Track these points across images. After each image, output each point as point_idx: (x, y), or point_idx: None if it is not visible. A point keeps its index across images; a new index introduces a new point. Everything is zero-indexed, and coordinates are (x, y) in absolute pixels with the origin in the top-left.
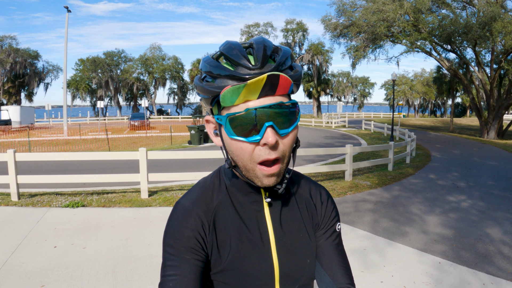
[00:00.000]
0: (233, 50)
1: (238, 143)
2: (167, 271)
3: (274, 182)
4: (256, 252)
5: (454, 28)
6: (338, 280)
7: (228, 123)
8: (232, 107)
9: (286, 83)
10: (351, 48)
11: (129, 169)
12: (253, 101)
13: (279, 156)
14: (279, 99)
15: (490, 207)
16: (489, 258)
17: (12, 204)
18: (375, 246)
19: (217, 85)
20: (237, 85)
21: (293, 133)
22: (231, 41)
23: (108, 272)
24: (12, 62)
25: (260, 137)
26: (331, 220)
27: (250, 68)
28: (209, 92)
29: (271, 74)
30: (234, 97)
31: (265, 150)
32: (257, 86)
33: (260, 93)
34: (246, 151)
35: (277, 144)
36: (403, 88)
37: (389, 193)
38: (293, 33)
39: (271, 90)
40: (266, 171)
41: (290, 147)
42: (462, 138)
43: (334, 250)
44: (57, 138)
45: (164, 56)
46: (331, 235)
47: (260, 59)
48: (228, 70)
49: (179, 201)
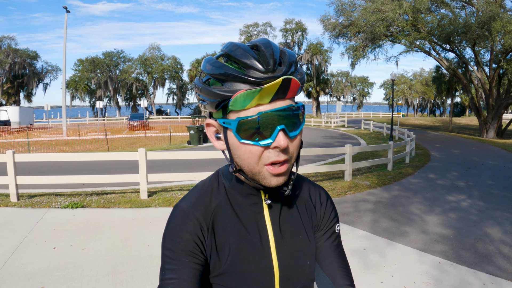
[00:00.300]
0: (240, 51)
1: (248, 146)
2: (166, 274)
3: (282, 182)
4: (256, 254)
5: (453, 28)
6: (337, 281)
7: (238, 127)
8: (242, 111)
9: (296, 86)
10: (350, 48)
11: (129, 169)
12: (265, 105)
13: (288, 158)
14: (288, 102)
15: (490, 207)
16: (489, 258)
17: (12, 205)
18: (375, 246)
19: (228, 88)
20: (251, 89)
21: (300, 135)
22: (236, 42)
23: (108, 273)
24: (11, 63)
25: (272, 140)
26: (330, 221)
27: (262, 71)
28: (218, 96)
29: (285, 78)
30: (247, 101)
31: (275, 153)
32: (271, 90)
33: (273, 97)
34: (255, 154)
35: (287, 146)
36: (402, 88)
37: (388, 193)
38: (292, 33)
39: (282, 93)
40: (274, 171)
41: (297, 149)
42: (462, 138)
43: (334, 252)
44: (56, 139)
45: (163, 56)
46: (330, 236)
47: (271, 62)
48: (238, 72)
49: (177, 204)
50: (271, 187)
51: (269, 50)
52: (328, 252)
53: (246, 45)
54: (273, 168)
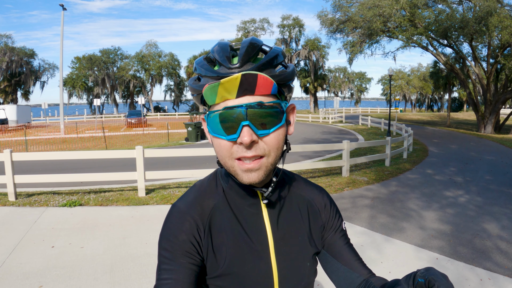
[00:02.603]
0: (218, 51)
1: (218, 140)
2: (162, 274)
3: (255, 179)
4: (255, 255)
5: (450, 23)
6: (361, 272)
7: (210, 121)
8: (215, 106)
9: (266, 83)
10: (348, 43)
11: (126, 167)
12: (231, 100)
13: (260, 153)
14: (258, 99)
15: (487, 202)
16: (487, 253)
17: (10, 204)
18: (373, 242)
19: (201, 84)
20: (212, 83)
21: (277, 134)
22: (221, 42)
23: (106, 271)
24: (8, 61)
25: (237, 136)
26: (337, 220)
27: (230, 68)
28: (194, 90)
29: (247, 73)
30: (213, 95)
31: (242, 148)
32: (232, 85)
33: (238, 92)
34: (225, 148)
35: (253, 143)
36: (400, 83)
37: (386, 189)
38: (289, 28)
39: (249, 89)
40: (243, 166)
41: (275, 147)
42: (459, 133)
43: (347, 247)
44: (54, 137)
45: (160, 53)
46: (340, 234)
47: (240, 58)
48: (211, 70)
49: (175, 203)
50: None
51: (243, 48)
52: (342, 248)
53: (228, 44)
54: (242, 163)
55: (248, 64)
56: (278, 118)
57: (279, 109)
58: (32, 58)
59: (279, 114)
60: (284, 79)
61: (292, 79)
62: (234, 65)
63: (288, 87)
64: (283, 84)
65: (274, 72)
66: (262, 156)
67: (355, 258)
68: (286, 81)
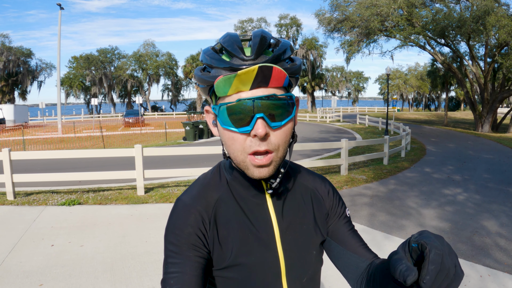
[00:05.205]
0: (230, 42)
1: (230, 133)
2: (169, 268)
3: (266, 174)
4: (261, 245)
5: (447, 22)
6: (367, 256)
7: (221, 112)
8: (226, 97)
9: (280, 75)
10: (345, 42)
11: (125, 166)
12: (246, 92)
13: (271, 149)
14: (272, 91)
15: (486, 200)
16: (486, 250)
17: (8, 203)
18: (372, 240)
19: (212, 75)
20: (228, 75)
21: (287, 127)
22: (231, 33)
23: (106, 269)
24: (5, 61)
25: (251, 128)
26: (340, 207)
27: (244, 60)
28: (204, 81)
29: (263, 66)
30: (227, 87)
31: (256, 142)
32: (248, 77)
33: (252, 84)
34: (238, 141)
35: (267, 136)
36: (397, 82)
37: (385, 187)
38: (287, 28)
39: (263, 81)
40: (256, 162)
41: (284, 141)
42: (457, 132)
43: (352, 233)
44: (51, 136)
45: (157, 52)
46: (346, 221)
47: (254, 50)
48: (224, 61)
49: (179, 197)
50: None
51: (256, 40)
52: (347, 234)
53: (238, 35)
54: (255, 159)
55: (262, 56)
56: (289, 110)
57: (290, 102)
58: (29, 57)
59: (290, 107)
60: (294, 72)
61: (300, 72)
62: (248, 57)
63: (296, 79)
64: (292, 76)
65: (286, 65)
66: (272, 151)
67: (360, 243)
68: (296, 74)
